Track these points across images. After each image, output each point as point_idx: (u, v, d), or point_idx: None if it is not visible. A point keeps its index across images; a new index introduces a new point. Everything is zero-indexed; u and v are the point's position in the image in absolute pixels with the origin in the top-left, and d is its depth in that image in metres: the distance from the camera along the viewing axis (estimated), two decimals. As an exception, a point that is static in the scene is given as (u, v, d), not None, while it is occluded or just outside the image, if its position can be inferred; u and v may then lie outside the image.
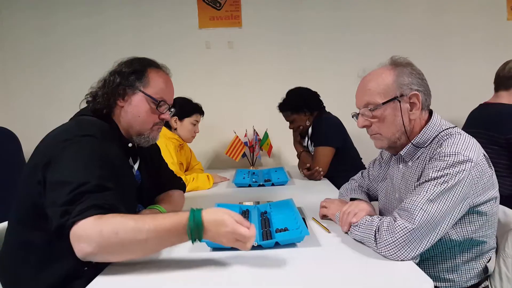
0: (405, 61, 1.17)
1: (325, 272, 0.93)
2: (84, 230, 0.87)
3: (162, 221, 0.91)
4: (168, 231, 0.91)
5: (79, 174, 0.97)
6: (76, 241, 0.88)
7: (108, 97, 1.18)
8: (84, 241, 0.87)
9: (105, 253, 0.90)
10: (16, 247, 1.11)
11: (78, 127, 1.12)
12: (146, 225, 0.89)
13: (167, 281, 0.91)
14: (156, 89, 1.21)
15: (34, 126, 2.84)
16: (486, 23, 3.01)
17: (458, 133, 1.10)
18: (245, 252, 1.04)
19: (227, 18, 2.97)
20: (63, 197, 0.91)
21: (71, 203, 0.90)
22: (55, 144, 1.06)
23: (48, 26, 2.94)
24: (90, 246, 0.87)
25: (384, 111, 1.14)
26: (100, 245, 0.87)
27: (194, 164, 2.48)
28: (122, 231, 0.88)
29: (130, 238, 0.88)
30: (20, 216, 1.11)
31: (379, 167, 1.44)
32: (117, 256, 0.93)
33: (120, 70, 1.21)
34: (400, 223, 0.97)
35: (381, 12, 3.00)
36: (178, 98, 2.19)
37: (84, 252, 0.88)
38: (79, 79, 1.26)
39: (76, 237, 0.87)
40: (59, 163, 1.00)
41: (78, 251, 0.88)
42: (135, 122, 1.21)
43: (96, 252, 0.88)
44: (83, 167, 0.99)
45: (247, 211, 1.42)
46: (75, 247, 0.88)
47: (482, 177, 1.04)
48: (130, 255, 0.94)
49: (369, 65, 1.21)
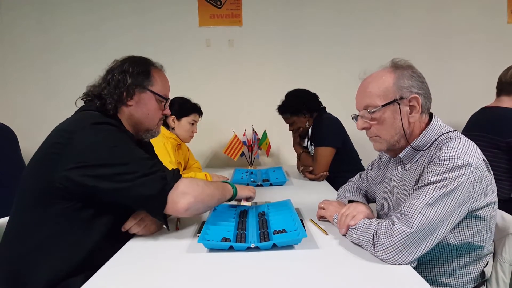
0: (406, 63, 1.16)
1: (322, 275, 0.92)
2: (187, 187, 1.11)
3: (221, 183, 1.34)
4: (226, 190, 1.32)
5: (128, 156, 1.09)
6: (181, 196, 1.09)
7: (118, 97, 1.22)
8: (188, 194, 1.10)
9: (200, 202, 1.14)
10: (15, 242, 1.11)
11: (90, 118, 1.16)
12: (214, 183, 1.29)
13: (164, 281, 0.90)
14: (161, 87, 1.30)
15: (33, 122, 2.85)
16: (487, 26, 3.01)
17: (458, 137, 1.10)
18: (242, 253, 1.05)
19: (228, 16, 2.96)
20: (139, 167, 1.07)
21: (155, 170, 1.08)
22: (74, 133, 1.08)
23: (48, 23, 2.93)
24: (193, 197, 1.11)
25: (384, 113, 1.14)
26: (198, 196, 1.13)
27: (192, 163, 2.48)
28: (206, 187, 1.18)
29: (212, 191, 1.21)
30: (22, 211, 1.11)
31: (378, 169, 1.44)
32: (204, 206, 1.18)
33: (127, 70, 1.24)
34: (398, 227, 0.97)
35: (383, 13, 2.99)
36: (177, 98, 2.19)
37: (189, 202, 1.10)
38: (78, 76, 1.25)
39: (181, 193, 1.09)
40: (96, 147, 1.06)
41: (183, 204, 1.09)
42: (145, 119, 1.28)
43: (196, 202, 1.12)
44: (126, 150, 1.11)
45: (245, 211, 1.42)
46: (179, 203, 1.09)
47: (481, 182, 1.03)
48: (210, 206, 1.23)
49: (370, 66, 1.21)
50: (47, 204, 1.08)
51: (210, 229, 1.18)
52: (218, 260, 1.02)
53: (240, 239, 1.13)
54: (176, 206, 1.09)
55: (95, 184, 1.04)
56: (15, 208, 1.14)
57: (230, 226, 1.24)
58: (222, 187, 1.30)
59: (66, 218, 1.09)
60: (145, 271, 0.96)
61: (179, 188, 1.10)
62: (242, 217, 1.34)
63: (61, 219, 1.09)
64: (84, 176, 1.04)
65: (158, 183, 1.07)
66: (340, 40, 3.00)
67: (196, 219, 1.39)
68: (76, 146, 1.06)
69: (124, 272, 0.95)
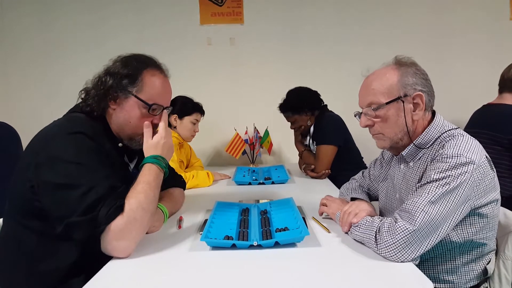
0: (410, 61, 1.16)
1: (324, 273, 0.92)
2: (121, 230, 0.98)
3: (153, 179, 1.10)
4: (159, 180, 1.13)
5: (85, 176, 1.00)
6: (116, 243, 0.98)
7: (99, 99, 1.15)
8: (123, 239, 0.99)
9: (138, 238, 1.03)
10: (9, 244, 1.11)
11: (68, 124, 1.11)
12: (151, 189, 1.07)
13: (167, 279, 0.91)
14: (150, 93, 1.17)
15: (34, 121, 2.84)
16: (489, 23, 3.00)
17: (460, 134, 1.09)
18: (244, 251, 1.05)
19: (229, 14, 2.96)
20: (78, 203, 0.96)
21: (91, 209, 0.96)
22: (46, 142, 1.05)
23: (49, 22, 2.93)
24: (129, 240, 1.00)
25: (388, 111, 1.13)
26: (135, 237, 1.02)
27: (194, 161, 2.48)
28: (145, 204, 1.04)
29: (153, 205, 1.08)
30: (12, 213, 1.11)
31: (380, 167, 1.44)
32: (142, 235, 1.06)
33: (114, 71, 1.16)
34: (401, 225, 0.97)
35: (384, 11, 2.98)
36: (179, 97, 2.19)
37: (125, 249, 1.00)
38: (79, 75, 1.24)
39: (114, 240, 0.98)
40: (56, 163, 1.00)
41: (119, 252, 1.00)
42: (126, 126, 1.18)
43: (135, 243, 1.02)
44: (86, 169, 1.01)
45: (247, 209, 1.42)
46: (115, 251, 0.99)
47: (484, 179, 1.03)
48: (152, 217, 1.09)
49: (372, 63, 1.21)
50: (37, 211, 1.05)
51: (213, 227, 1.18)
52: (220, 258, 1.02)
53: (243, 237, 1.13)
54: (112, 250, 0.99)
55: (44, 199, 1.01)
56: (7, 209, 1.14)
57: (233, 224, 1.24)
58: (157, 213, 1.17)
59: (40, 235, 1.07)
60: (148, 270, 0.96)
61: (112, 233, 0.97)
62: (245, 215, 1.34)
63: (38, 233, 1.07)
64: (41, 189, 1.01)
65: (85, 228, 0.97)
66: (342, 39, 2.99)
67: (198, 218, 1.39)
68: (43, 157, 1.02)
69: (127, 271, 0.95)
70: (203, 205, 1.57)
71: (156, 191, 1.10)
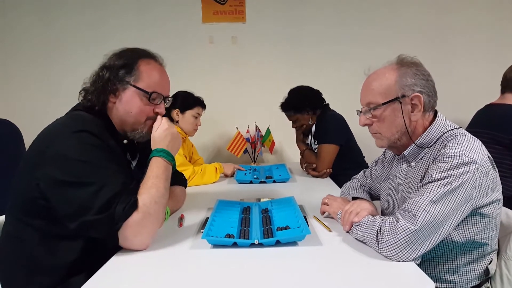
0: (412, 60, 1.15)
1: (326, 272, 0.92)
2: (138, 224, 1.01)
3: (162, 172, 1.12)
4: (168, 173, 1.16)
5: (94, 173, 1.00)
6: (133, 235, 1.01)
7: (99, 94, 1.15)
8: (141, 234, 1.02)
9: (156, 228, 1.08)
10: (10, 242, 1.11)
11: (72, 123, 1.11)
12: (161, 182, 1.10)
13: (168, 277, 0.91)
14: (148, 82, 1.17)
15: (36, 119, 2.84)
16: (492, 23, 2.98)
17: (462, 134, 1.09)
18: (246, 250, 1.05)
19: (231, 13, 2.95)
20: (91, 201, 0.97)
21: (107, 207, 0.97)
22: (51, 141, 1.05)
23: (50, 21, 2.93)
24: (147, 233, 1.04)
25: (384, 111, 1.13)
26: (153, 229, 1.06)
27: (196, 158, 2.48)
28: (158, 198, 1.06)
29: (164, 198, 1.09)
30: (14, 211, 1.11)
31: (382, 166, 1.44)
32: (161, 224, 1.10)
33: (109, 64, 1.17)
34: (403, 224, 0.96)
35: (385, 11, 2.98)
36: (180, 91, 2.19)
37: (143, 243, 1.04)
38: (80, 74, 1.24)
39: (133, 234, 1.01)
40: (63, 161, 1.00)
41: (138, 245, 1.03)
42: (127, 117, 1.18)
43: (153, 234, 1.06)
44: (94, 166, 1.02)
45: (248, 208, 1.42)
46: (134, 245, 1.03)
47: (486, 179, 1.03)
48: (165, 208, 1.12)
49: (374, 63, 1.20)
50: (40, 207, 1.05)
51: (214, 225, 1.18)
52: (221, 256, 1.02)
53: (244, 235, 1.13)
54: (131, 245, 1.03)
55: (52, 197, 1.01)
56: (9, 205, 1.14)
57: (234, 222, 1.24)
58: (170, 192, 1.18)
59: (43, 234, 1.07)
60: (149, 268, 0.96)
61: (129, 229, 1.00)
62: (246, 214, 1.34)
63: (42, 231, 1.07)
64: (48, 188, 1.01)
65: (105, 225, 0.98)
66: (343, 38, 2.98)
67: (200, 216, 1.39)
68: (48, 156, 1.02)
69: (128, 269, 0.96)
70: (204, 203, 1.57)
71: (167, 184, 1.12)
